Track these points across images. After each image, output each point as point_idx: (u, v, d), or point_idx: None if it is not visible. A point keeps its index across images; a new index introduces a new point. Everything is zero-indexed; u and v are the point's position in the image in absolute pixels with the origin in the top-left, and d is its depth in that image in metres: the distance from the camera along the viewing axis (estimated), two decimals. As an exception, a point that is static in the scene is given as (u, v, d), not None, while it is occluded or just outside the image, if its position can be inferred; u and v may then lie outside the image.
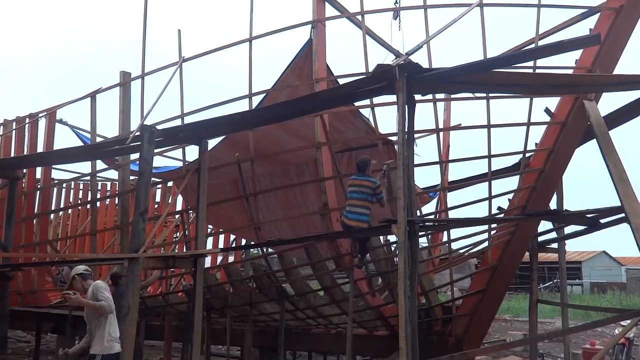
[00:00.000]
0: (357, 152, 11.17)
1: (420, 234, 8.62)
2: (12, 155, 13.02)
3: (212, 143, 10.42)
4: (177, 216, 14.63)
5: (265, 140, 10.76)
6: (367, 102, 10.22)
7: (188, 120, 10.87)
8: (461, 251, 11.04)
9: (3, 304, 11.73)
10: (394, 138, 10.08)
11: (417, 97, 8.09)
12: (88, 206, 15.08)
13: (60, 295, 13.86)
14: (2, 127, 13.51)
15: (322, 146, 9.93)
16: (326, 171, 9.89)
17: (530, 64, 9.02)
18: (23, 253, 12.72)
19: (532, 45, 9.43)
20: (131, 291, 8.72)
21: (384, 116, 10.76)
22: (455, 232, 10.46)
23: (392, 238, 10.78)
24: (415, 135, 8.90)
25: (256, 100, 10.65)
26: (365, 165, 9.03)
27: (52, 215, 16.70)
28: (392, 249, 10.34)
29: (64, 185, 18.00)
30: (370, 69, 9.04)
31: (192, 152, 10.96)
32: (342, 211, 9.27)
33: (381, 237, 10.23)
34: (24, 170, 12.72)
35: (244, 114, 9.64)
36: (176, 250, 14.03)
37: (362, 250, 9.41)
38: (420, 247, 9.28)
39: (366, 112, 11.00)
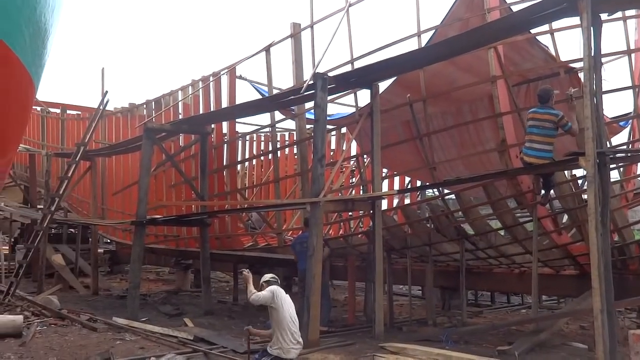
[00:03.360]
0: (535, 83, 10.48)
1: (611, 166, 7.99)
2: (201, 112, 14.12)
3: (382, 86, 10.47)
4: (352, 161, 15.02)
5: (436, 79, 10.51)
6: (544, 28, 9.52)
7: (358, 64, 10.97)
8: (659, 184, 10.04)
9: (204, 248, 13.02)
10: (578, 64, 9.32)
11: (604, 16, 7.38)
12: (270, 156, 15.98)
13: (251, 240, 15.04)
14: (190, 87, 14.67)
15: (498, 80, 9.47)
16: (503, 106, 9.45)
17: None
18: (217, 201, 13.91)
19: None
20: (314, 233, 9.21)
21: (565, 42, 9.96)
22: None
23: (579, 172, 10.13)
24: (603, 59, 8.16)
25: (425, 38, 10.41)
26: (548, 96, 8.40)
27: (239, 166, 18.02)
28: (580, 183, 9.70)
29: (247, 137, 19.25)
30: (548, -9, 8.37)
31: (364, 98, 11.09)
32: (521, 147, 8.84)
33: (566, 172, 9.62)
34: (212, 126, 13.74)
35: (414, 53, 9.48)
36: (353, 194, 14.43)
37: (546, 187, 8.93)
38: (611, 181, 8.61)
39: (544, 39, 10.28)
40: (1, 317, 10.30)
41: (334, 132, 16.27)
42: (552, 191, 9.22)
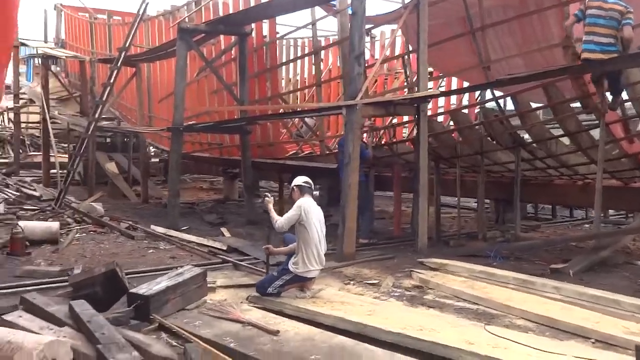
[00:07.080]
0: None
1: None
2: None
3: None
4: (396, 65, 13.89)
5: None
6: None
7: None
8: None
9: (245, 156, 12.50)
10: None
11: None
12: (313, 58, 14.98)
13: (297, 148, 14.39)
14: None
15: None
16: (571, -8, 8.13)
17: None
18: (256, 107, 13.20)
19: None
20: (350, 139, 8.45)
21: None
22: None
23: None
24: None
25: None
26: None
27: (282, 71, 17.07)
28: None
29: (292, 41, 18.07)
30: None
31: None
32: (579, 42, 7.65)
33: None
34: (252, 27, 12.84)
35: None
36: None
37: (614, 89, 7.77)
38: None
39: None
40: (39, 223, 10.23)
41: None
42: (623, 92, 8.03)
